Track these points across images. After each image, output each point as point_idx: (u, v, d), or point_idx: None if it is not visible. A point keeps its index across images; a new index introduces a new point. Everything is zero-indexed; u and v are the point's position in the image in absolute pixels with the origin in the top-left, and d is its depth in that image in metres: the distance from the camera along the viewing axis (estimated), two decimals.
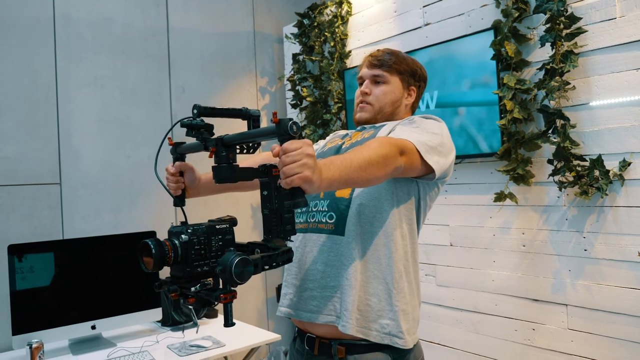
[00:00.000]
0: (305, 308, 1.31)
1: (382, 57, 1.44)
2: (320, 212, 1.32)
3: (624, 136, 1.88)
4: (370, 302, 1.25)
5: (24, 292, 2.09)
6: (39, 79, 2.53)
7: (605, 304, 1.94)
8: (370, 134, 1.37)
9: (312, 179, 0.92)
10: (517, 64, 2.14)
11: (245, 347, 2.17)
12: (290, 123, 0.94)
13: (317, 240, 1.31)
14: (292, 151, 0.92)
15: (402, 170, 1.19)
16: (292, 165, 0.91)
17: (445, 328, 2.51)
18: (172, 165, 1.32)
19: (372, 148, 1.11)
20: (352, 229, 1.26)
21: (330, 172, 0.99)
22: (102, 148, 2.71)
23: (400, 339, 1.24)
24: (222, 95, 3.22)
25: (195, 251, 1.00)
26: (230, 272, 0.90)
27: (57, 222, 2.53)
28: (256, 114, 1.09)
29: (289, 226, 0.99)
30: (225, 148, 1.03)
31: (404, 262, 1.29)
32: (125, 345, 2.17)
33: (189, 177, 1.34)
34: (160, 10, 2.96)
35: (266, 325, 3.30)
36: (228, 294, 0.97)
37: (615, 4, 1.89)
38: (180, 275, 1.01)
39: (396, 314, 1.25)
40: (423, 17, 2.60)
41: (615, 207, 1.91)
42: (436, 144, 1.25)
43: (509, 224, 2.25)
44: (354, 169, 1.04)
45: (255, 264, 0.94)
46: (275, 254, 0.99)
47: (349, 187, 1.23)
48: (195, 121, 1.06)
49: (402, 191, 1.30)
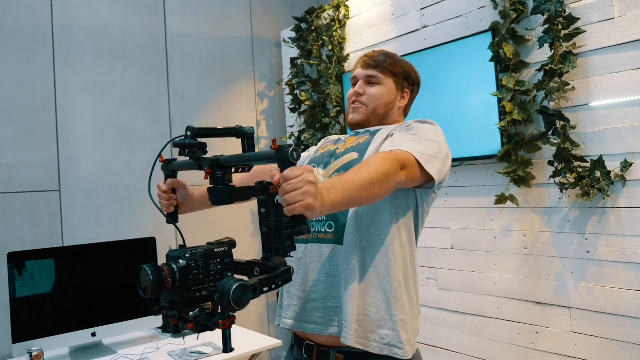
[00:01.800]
0: (310, 320, 1.29)
1: (377, 57, 1.42)
2: (320, 222, 1.30)
3: (625, 136, 1.87)
4: (369, 312, 1.23)
5: (24, 300, 2.08)
6: (38, 85, 2.53)
7: (608, 306, 1.93)
8: (365, 139, 1.34)
9: (314, 207, 0.91)
10: (515, 66, 2.13)
11: (247, 353, 2.16)
12: (290, 150, 0.92)
13: (318, 250, 1.29)
14: (293, 179, 0.90)
15: (404, 184, 1.18)
16: (294, 194, 0.90)
17: (447, 332, 2.50)
18: (163, 182, 1.30)
19: (373, 166, 1.09)
20: (350, 238, 1.24)
21: (332, 196, 0.98)
22: (101, 154, 2.71)
23: (400, 349, 1.22)
24: (221, 100, 3.22)
25: (194, 276, 0.98)
26: (228, 299, 0.89)
27: (57, 229, 2.53)
28: (250, 131, 1.08)
29: (288, 243, 0.98)
30: (220, 169, 1.02)
31: (403, 271, 1.27)
32: (126, 352, 2.16)
33: (181, 194, 1.32)
34: (158, 16, 2.96)
35: (267, 331, 3.29)
36: (227, 320, 0.96)
37: (614, 4, 1.88)
38: (179, 300, 0.99)
39: (396, 324, 1.23)
40: (421, 20, 2.60)
41: (618, 208, 1.89)
42: (435, 152, 1.23)
43: (510, 227, 2.24)
44: (355, 189, 1.03)
45: (254, 288, 0.92)
46: (274, 276, 0.97)
47: (351, 207, 1.21)
48: (189, 141, 1.05)
49: (400, 199, 1.28)
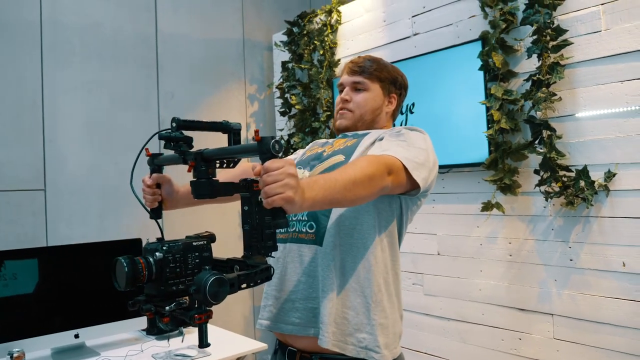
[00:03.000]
0: (287, 320, 1.28)
1: (362, 63, 1.41)
2: (300, 222, 1.29)
3: (609, 147, 1.90)
4: (348, 316, 1.22)
5: (6, 300, 2.05)
6: (25, 83, 2.50)
7: (590, 313, 1.96)
8: (353, 143, 1.34)
9: (294, 200, 0.90)
10: (504, 75, 2.16)
11: (231, 356, 2.15)
12: (272, 142, 0.91)
13: (298, 250, 1.28)
14: (273, 170, 0.89)
15: (390, 189, 1.17)
16: (274, 185, 0.89)
17: (432, 337, 2.51)
18: (149, 176, 1.28)
19: (358, 167, 1.08)
20: (330, 240, 1.23)
21: (314, 192, 0.97)
22: (88, 154, 2.68)
23: (377, 353, 1.21)
24: (211, 102, 3.21)
25: (170, 269, 0.96)
26: (204, 292, 0.87)
27: (41, 228, 2.50)
28: (237, 127, 1.06)
29: (270, 242, 0.96)
30: (204, 163, 1.00)
31: (383, 275, 1.26)
32: (109, 354, 2.14)
33: (166, 189, 1.30)
34: (149, 15, 2.95)
35: (253, 334, 3.28)
36: (203, 314, 0.94)
37: (601, 17, 1.92)
38: (155, 293, 0.97)
39: (374, 328, 1.22)
40: (412, 27, 2.62)
41: (601, 218, 1.93)
42: (423, 159, 1.23)
43: (496, 234, 2.26)
44: (338, 189, 1.02)
45: (231, 283, 0.90)
46: (253, 272, 0.96)
47: (332, 207, 1.20)
48: (174, 134, 1.03)
49: (384, 204, 1.28)
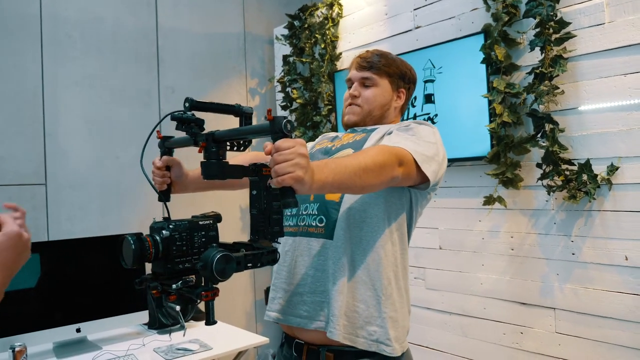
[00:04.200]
0: (295, 313, 1.29)
1: (371, 59, 1.41)
2: (310, 216, 1.30)
3: (612, 141, 1.89)
4: (358, 309, 1.23)
5: (8, 294, 2.02)
6: (25, 77, 2.49)
7: (592, 307, 1.95)
8: (361, 137, 1.34)
9: (303, 179, 0.90)
10: (506, 68, 2.15)
11: (233, 350, 2.15)
12: (284, 121, 0.91)
13: (307, 244, 1.29)
14: (284, 150, 0.89)
15: (399, 180, 1.17)
16: (284, 164, 0.88)
17: (433, 331, 2.51)
18: (159, 158, 1.28)
19: (369, 155, 1.09)
20: (341, 234, 1.24)
21: (324, 175, 0.97)
22: (89, 148, 2.68)
23: (388, 346, 1.22)
24: (212, 96, 3.19)
25: (177, 247, 0.97)
26: (211, 268, 0.87)
27: (43, 223, 2.50)
28: (249, 111, 1.06)
29: (276, 227, 0.97)
30: (215, 144, 1.00)
31: (393, 269, 1.27)
32: (111, 348, 2.14)
33: (175, 172, 1.29)
34: (150, 9, 2.93)
35: (254, 329, 3.28)
36: (209, 292, 0.94)
37: (604, 10, 1.90)
38: (162, 271, 0.98)
39: (384, 321, 1.23)
40: (414, 20, 2.60)
41: (603, 212, 1.92)
42: (432, 153, 1.23)
43: (498, 228, 2.26)
44: (348, 174, 1.02)
45: (237, 261, 0.91)
46: (259, 253, 0.96)
47: (341, 192, 1.21)
48: (186, 115, 1.03)
49: (394, 197, 1.28)
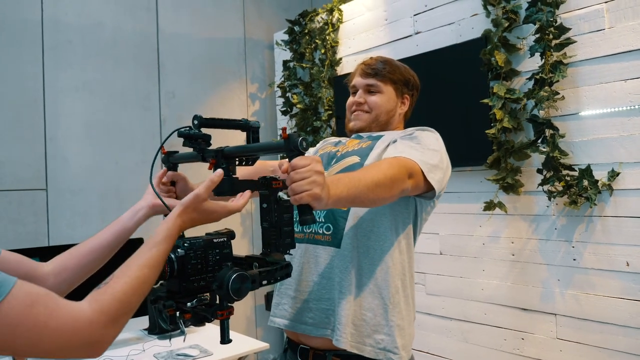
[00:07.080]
0: (301, 320, 1.29)
1: (375, 65, 1.42)
2: (317, 223, 1.30)
3: (613, 146, 1.89)
4: (366, 317, 1.24)
5: None
6: (26, 83, 2.49)
7: (593, 313, 1.95)
8: (367, 145, 1.35)
9: (321, 197, 0.92)
10: (506, 74, 2.15)
11: (233, 356, 2.14)
12: (300, 139, 0.92)
13: (314, 251, 1.29)
14: (301, 167, 0.91)
15: (409, 192, 1.19)
16: (302, 183, 0.90)
17: (434, 337, 2.50)
18: (162, 173, 1.28)
19: (381, 169, 1.11)
20: (348, 242, 1.25)
21: (338, 190, 0.99)
22: (89, 153, 2.68)
23: (396, 354, 1.22)
24: (212, 101, 3.20)
25: (192, 265, 0.97)
26: (227, 288, 0.88)
27: (43, 228, 2.49)
28: (256, 125, 1.07)
29: (288, 240, 0.98)
30: (225, 160, 1.01)
31: (401, 277, 1.28)
32: (111, 354, 2.13)
33: (180, 188, 1.29)
34: (150, 15, 2.94)
35: (254, 334, 3.27)
36: (225, 311, 0.95)
37: (604, 15, 1.90)
38: (177, 290, 0.98)
39: (392, 329, 1.23)
40: (414, 26, 2.61)
41: (604, 217, 1.91)
42: (437, 161, 1.24)
43: (499, 233, 2.25)
44: (361, 188, 1.04)
45: (253, 279, 0.92)
46: (273, 269, 0.97)
47: (354, 205, 1.22)
48: (194, 131, 1.04)
49: (401, 206, 1.29)
